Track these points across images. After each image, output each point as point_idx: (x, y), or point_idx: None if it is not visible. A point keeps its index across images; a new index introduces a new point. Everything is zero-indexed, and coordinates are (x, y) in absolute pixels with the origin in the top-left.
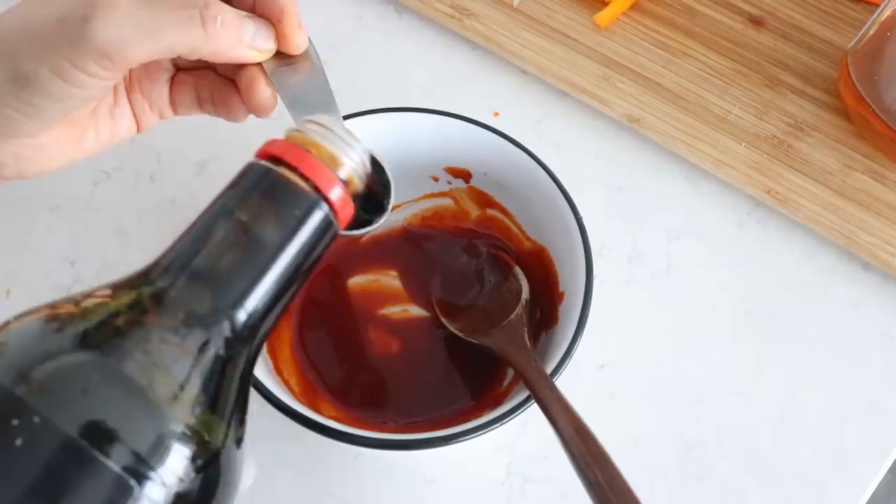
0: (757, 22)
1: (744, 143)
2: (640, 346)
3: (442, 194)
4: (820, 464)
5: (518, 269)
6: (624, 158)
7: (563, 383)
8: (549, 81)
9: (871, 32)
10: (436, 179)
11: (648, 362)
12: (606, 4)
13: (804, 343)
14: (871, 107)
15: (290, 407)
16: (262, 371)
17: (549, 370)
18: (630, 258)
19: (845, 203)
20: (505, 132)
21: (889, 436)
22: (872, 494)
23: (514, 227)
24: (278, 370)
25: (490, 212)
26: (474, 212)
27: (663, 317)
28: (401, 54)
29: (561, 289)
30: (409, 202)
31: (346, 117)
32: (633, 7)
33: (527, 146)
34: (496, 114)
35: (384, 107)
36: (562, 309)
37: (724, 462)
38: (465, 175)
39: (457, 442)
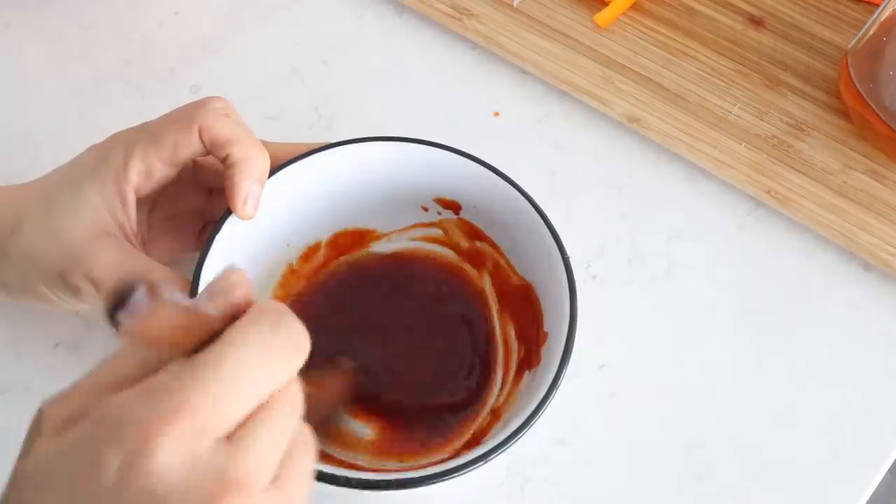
0: (757, 22)
1: (744, 143)
2: (640, 346)
3: (431, 224)
4: (820, 464)
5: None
6: (624, 158)
7: (564, 383)
8: (549, 81)
9: (871, 32)
10: (426, 209)
11: (648, 362)
12: (606, 4)
13: (804, 343)
14: (871, 107)
15: None
16: None
17: (526, 413)
18: (630, 258)
19: (845, 203)
20: (498, 167)
21: (889, 436)
22: (872, 494)
23: (502, 262)
24: None
25: (479, 244)
26: (463, 244)
27: (663, 317)
28: (401, 54)
29: (545, 329)
30: (399, 230)
31: (334, 144)
32: (633, 7)
33: (526, 147)
34: (496, 114)
35: (375, 135)
36: (545, 350)
37: (724, 462)
38: (454, 207)
39: (442, 480)
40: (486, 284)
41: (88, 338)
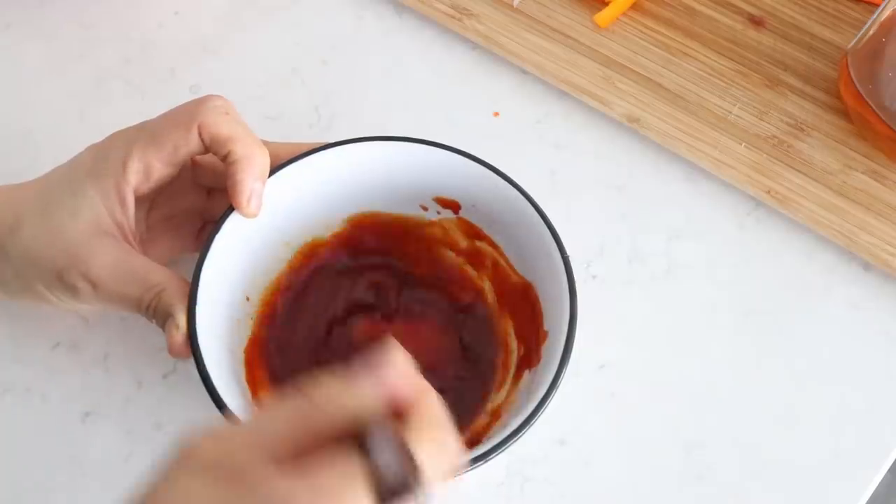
0: (757, 22)
1: (744, 143)
2: (640, 346)
3: (431, 223)
4: (820, 464)
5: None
6: (624, 158)
7: (564, 383)
8: (549, 81)
9: (871, 32)
10: (425, 209)
11: (648, 362)
12: (606, 4)
13: (804, 343)
14: (871, 107)
15: None
16: (240, 404)
17: (526, 413)
18: (630, 258)
19: (845, 203)
20: (498, 167)
21: (889, 436)
22: (872, 494)
23: (501, 261)
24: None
25: (479, 244)
26: (463, 243)
27: (663, 317)
28: (401, 54)
29: (545, 327)
30: None
31: (334, 144)
32: (633, 7)
33: (526, 147)
34: (496, 114)
35: (375, 135)
36: (545, 349)
37: (724, 462)
38: (453, 206)
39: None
40: (486, 283)
41: (88, 338)
